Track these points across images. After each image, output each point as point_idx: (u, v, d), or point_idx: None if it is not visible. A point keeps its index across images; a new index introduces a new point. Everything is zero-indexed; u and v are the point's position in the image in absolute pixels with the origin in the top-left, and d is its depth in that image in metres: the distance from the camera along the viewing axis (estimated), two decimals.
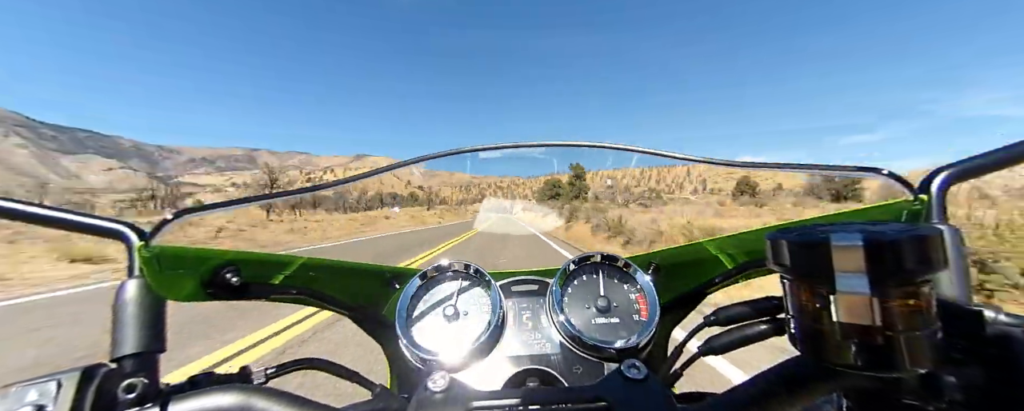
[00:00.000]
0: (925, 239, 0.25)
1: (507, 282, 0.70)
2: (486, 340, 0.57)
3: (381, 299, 0.71)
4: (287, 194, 0.62)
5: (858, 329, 0.26)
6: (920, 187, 0.45)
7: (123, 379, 0.36)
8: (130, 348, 0.39)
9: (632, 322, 0.63)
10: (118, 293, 0.41)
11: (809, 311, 0.29)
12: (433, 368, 0.56)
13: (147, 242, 0.42)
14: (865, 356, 0.26)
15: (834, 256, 0.26)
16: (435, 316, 0.64)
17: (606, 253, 0.69)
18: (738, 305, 0.52)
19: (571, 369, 0.58)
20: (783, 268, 0.30)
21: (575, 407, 0.34)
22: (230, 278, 0.50)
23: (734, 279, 0.61)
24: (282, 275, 0.59)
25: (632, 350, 0.57)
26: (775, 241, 0.30)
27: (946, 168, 0.44)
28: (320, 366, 0.57)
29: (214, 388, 0.37)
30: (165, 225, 0.45)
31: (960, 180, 0.44)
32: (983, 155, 0.43)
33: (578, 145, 0.74)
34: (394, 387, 0.67)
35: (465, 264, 0.68)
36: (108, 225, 0.44)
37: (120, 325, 0.40)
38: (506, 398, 0.35)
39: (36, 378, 0.33)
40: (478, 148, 0.71)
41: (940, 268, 0.26)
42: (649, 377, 0.37)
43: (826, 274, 0.26)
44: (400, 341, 0.59)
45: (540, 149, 0.72)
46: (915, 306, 0.26)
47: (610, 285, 0.67)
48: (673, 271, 0.70)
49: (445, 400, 0.35)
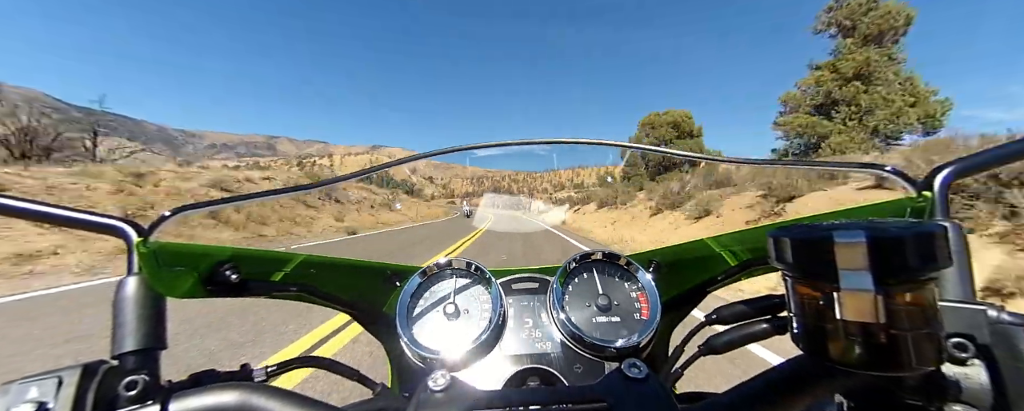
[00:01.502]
0: (930, 236, 0.25)
1: (508, 280, 0.70)
2: (487, 338, 0.57)
3: (381, 297, 0.71)
4: (287, 191, 0.62)
5: (861, 327, 0.26)
6: (923, 183, 0.44)
7: (124, 376, 0.36)
8: (131, 345, 0.39)
9: (633, 321, 0.62)
10: (118, 290, 0.41)
11: (811, 309, 0.29)
12: (434, 366, 0.56)
13: (146, 238, 0.42)
14: (868, 355, 0.26)
15: (837, 253, 0.25)
16: (436, 314, 0.64)
17: (607, 251, 0.69)
18: (739, 303, 0.52)
19: (571, 368, 0.58)
20: (785, 266, 0.30)
21: (575, 406, 0.34)
22: (230, 275, 0.50)
23: (736, 277, 0.61)
24: (282, 272, 0.59)
25: (633, 349, 0.57)
26: (777, 238, 0.30)
27: (949, 164, 0.44)
28: (321, 364, 0.57)
29: (215, 386, 0.37)
30: (163, 221, 0.45)
31: (963, 176, 0.44)
32: (986, 151, 0.42)
33: (579, 142, 0.73)
34: (395, 386, 0.67)
35: (466, 262, 0.68)
36: (107, 221, 0.44)
37: (120, 322, 0.40)
38: (506, 397, 0.35)
39: (37, 374, 0.33)
40: (480, 145, 0.71)
41: (944, 265, 0.25)
42: (650, 376, 0.37)
43: (829, 272, 0.26)
44: (400, 339, 0.59)
45: (543, 146, 0.72)
46: (919, 304, 0.26)
47: (611, 283, 0.67)
48: (674, 269, 0.69)
49: (446, 399, 0.35)
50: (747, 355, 2.92)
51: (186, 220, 5.40)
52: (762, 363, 2.83)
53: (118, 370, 0.37)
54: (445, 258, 0.69)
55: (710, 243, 0.65)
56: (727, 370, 2.67)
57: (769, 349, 3.03)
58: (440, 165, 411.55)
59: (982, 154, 0.42)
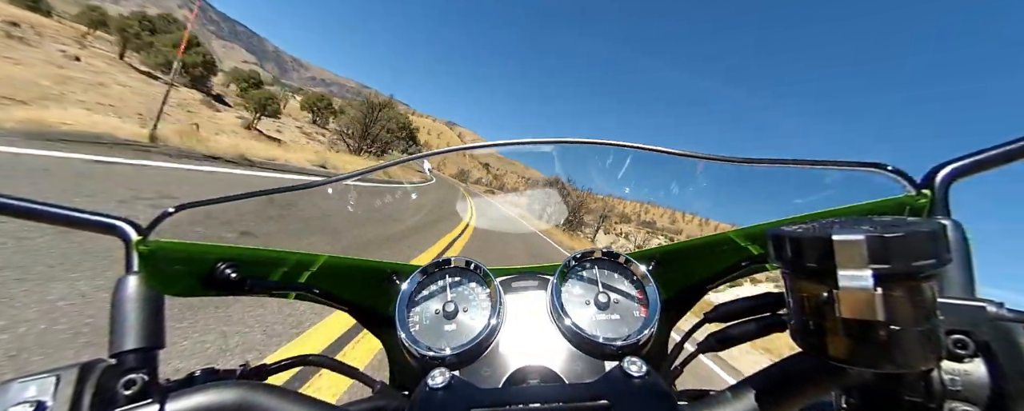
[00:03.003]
0: (929, 234, 0.25)
1: (507, 278, 0.70)
2: (486, 337, 0.57)
3: (381, 295, 0.71)
4: (289, 190, 0.62)
5: (861, 325, 0.26)
6: (923, 182, 0.44)
7: (122, 375, 0.36)
8: (129, 344, 0.39)
9: (632, 319, 0.62)
10: (116, 289, 0.41)
11: (811, 307, 0.29)
12: (433, 365, 0.56)
13: (144, 237, 0.42)
14: (868, 352, 0.26)
15: (837, 251, 0.25)
16: (435, 313, 0.64)
17: (607, 249, 0.69)
18: (739, 301, 0.52)
19: (571, 366, 0.58)
20: (785, 264, 0.30)
21: (575, 405, 0.34)
22: (229, 273, 0.50)
23: (736, 275, 0.61)
24: (281, 270, 0.59)
25: (632, 347, 0.57)
26: (777, 236, 0.30)
27: (950, 163, 0.44)
28: (320, 363, 0.57)
29: (214, 384, 0.37)
30: (162, 220, 0.45)
31: (964, 175, 0.44)
32: (988, 150, 0.42)
33: (580, 142, 0.73)
34: (394, 384, 0.68)
35: (466, 260, 0.68)
36: (104, 220, 0.44)
37: (119, 321, 0.40)
38: (506, 395, 0.35)
39: (34, 373, 0.33)
40: (478, 146, 0.71)
41: (944, 263, 0.25)
42: (650, 374, 0.37)
43: (829, 269, 0.26)
44: (400, 337, 0.59)
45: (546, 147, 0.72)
46: (919, 301, 0.26)
47: (610, 281, 0.67)
48: (674, 267, 0.70)
49: (445, 397, 0.35)
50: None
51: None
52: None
53: (116, 369, 0.37)
54: (445, 257, 0.69)
55: (709, 241, 0.65)
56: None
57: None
58: (503, 159, 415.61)
59: (984, 152, 0.42)
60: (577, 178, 0.87)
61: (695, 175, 0.64)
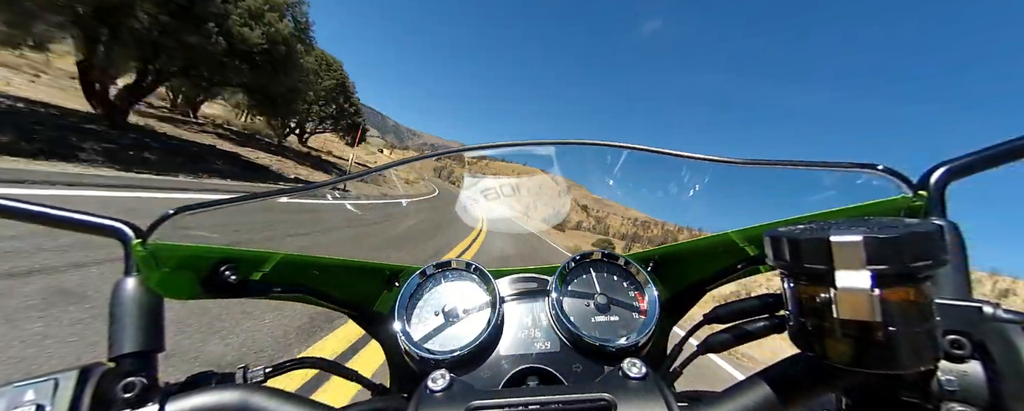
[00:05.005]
0: (926, 235, 0.25)
1: (507, 280, 0.70)
2: (486, 339, 0.57)
3: (381, 297, 0.71)
4: (291, 191, 0.62)
5: (859, 326, 0.26)
6: (919, 183, 0.44)
7: (121, 378, 0.36)
8: (128, 347, 0.39)
9: (632, 320, 0.62)
10: (115, 292, 0.41)
11: (809, 308, 0.29)
12: (433, 367, 0.56)
13: (144, 240, 0.42)
14: (866, 353, 0.26)
15: (834, 252, 0.25)
16: (435, 314, 0.63)
17: (606, 251, 0.69)
18: (737, 302, 0.52)
19: (571, 368, 0.58)
20: (783, 265, 0.30)
21: (575, 406, 0.34)
22: (228, 276, 0.50)
23: (734, 276, 0.61)
24: (281, 273, 0.59)
25: (632, 348, 0.57)
26: (775, 238, 0.30)
27: (945, 163, 0.44)
28: (319, 365, 0.57)
29: (213, 387, 0.37)
30: (161, 223, 0.44)
31: (959, 176, 0.44)
32: (983, 150, 0.42)
33: (580, 143, 0.73)
34: (394, 386, 0.67)
35: (466, 262, 0.68)
36: (104, 222, 0.44)
37: (118, 324, 0.39)
38: (506, 397, 0.35)
39: (33, 377, 0.33)
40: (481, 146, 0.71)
41: (940, 264, 0.25)
42: (649, 375, 0.37)
43: (826, 271, 0.26)
44: (400, 340, 0.59)
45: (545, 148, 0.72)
46: (916, 302, 0.26)
47: (610, 283, 0.67)
48: (673, 268, 0.70)
49: (445, 399, 0.35)
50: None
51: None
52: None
53: (115, 372, 0.37)
54: (445, 259, 0.69)
55: (708, 243, 0.65)
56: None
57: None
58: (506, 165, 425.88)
59: (979, 153, 0.43)
60: (576, 179, 0.87)
61: (692, 179, 0.65)
